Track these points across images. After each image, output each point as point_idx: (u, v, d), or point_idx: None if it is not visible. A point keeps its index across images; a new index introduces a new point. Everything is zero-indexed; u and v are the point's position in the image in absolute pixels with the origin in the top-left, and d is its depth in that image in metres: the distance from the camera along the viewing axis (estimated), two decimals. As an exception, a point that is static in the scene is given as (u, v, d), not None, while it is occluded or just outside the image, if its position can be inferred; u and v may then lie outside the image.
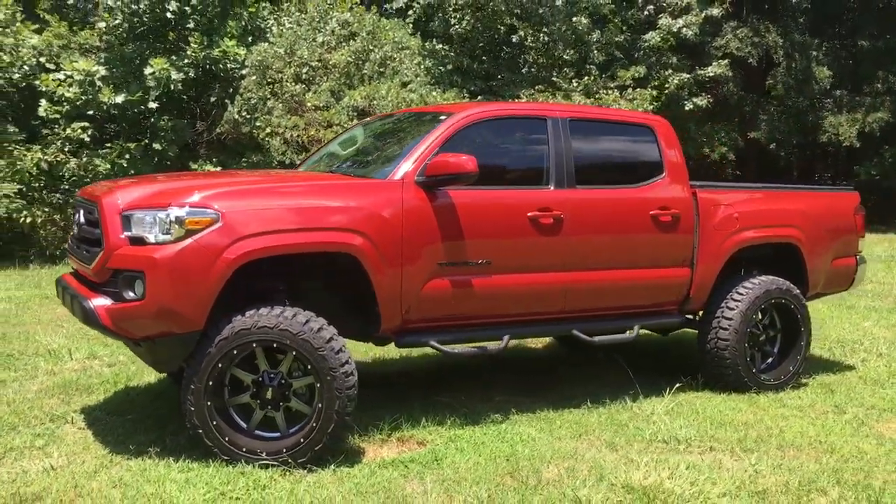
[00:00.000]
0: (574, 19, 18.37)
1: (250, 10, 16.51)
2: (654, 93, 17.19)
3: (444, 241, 5.23)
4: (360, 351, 7.25)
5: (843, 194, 7.22)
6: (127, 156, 14.85)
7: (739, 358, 6.30)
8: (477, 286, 5.38)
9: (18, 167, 14.13)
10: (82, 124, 14.86)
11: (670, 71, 21.59)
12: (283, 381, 4.78)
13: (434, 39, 18.82)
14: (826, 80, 25.11)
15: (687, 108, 22.65)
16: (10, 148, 14.17)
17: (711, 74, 22.77)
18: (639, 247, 6.00)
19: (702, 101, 22.70)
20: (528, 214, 5.52)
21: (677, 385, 6.36)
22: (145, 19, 15.34)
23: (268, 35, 16.41)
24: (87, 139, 14.96)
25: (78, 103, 14.78)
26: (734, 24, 24.91)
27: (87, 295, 4.76)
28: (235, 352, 4.64)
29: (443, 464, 4.78)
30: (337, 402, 4.68)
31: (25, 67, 14.93)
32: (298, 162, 14.42)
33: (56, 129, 14.87)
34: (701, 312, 6.60)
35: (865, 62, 26.95)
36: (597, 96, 16.81)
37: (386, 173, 5.28)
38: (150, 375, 6.69)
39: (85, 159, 14.83)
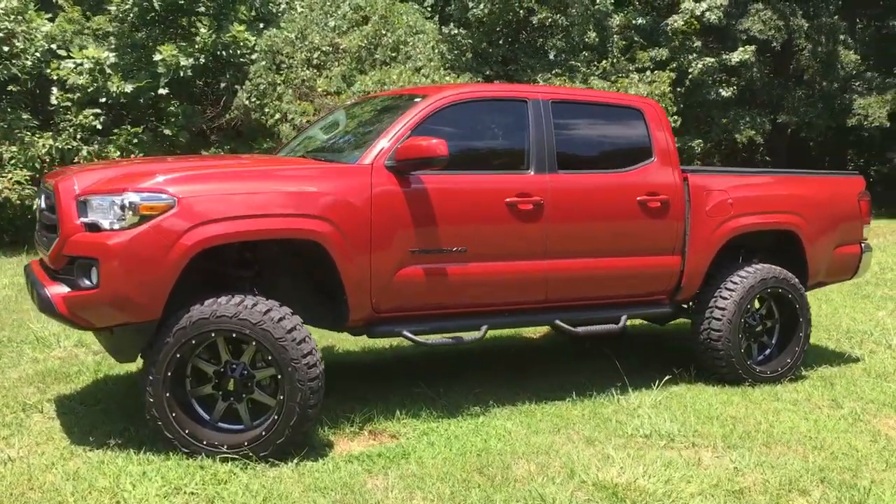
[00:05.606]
0: (597, 2, 18.03)
1: (261, -6, 16.42)
2: (673, 75, 16.81)
3: (416, 227, 5.05)
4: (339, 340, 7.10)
5: (847, 179, 6.92)
6: (136, 141, 14.81)
7: (733, 349, 6.06)
8: (451, 274, 5.19)
9: (30, 154, 14.14)
10: (94, 111, 14.84)
11: (694, 55, 21.14)
12: (245, 372, 4.64)
13: (452, 24, 18.56)
14: (852, 64, 24.47)
15: (711, 98, 22.23)
16: (21, 135, 14.19)
17: (737, 59, 22.26)
18: (625, 234, 5.78)
19: (727, 92, 22.26)
20: (506, 200, 5.32)
21: (667, 377, 6.12)
22: (156, 5, 15.24)
23: (279, 20, 16.25)
24: (100, 126, 14.94)
25: (89, 91, 14.76)
26: (759, 6, 24.31)
27: (44, 282, 4.65)
28: (194, 342, 4.50)
29: (410, 458, 4.62)
30: (299, 394, 4.53)
31: (38, 54, 14.92)
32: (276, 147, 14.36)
33: (68, 117, 14.87)
34: (693, 302, 6.36)
35: (896, 43, 26.26)
36: (612, 79, 16.47)
37: (356, 158, 5.11)
38: (130, 365, 6.58)
39: (97, 146, 14.83)
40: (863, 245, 6.88)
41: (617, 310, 5.90)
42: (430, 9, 18.82)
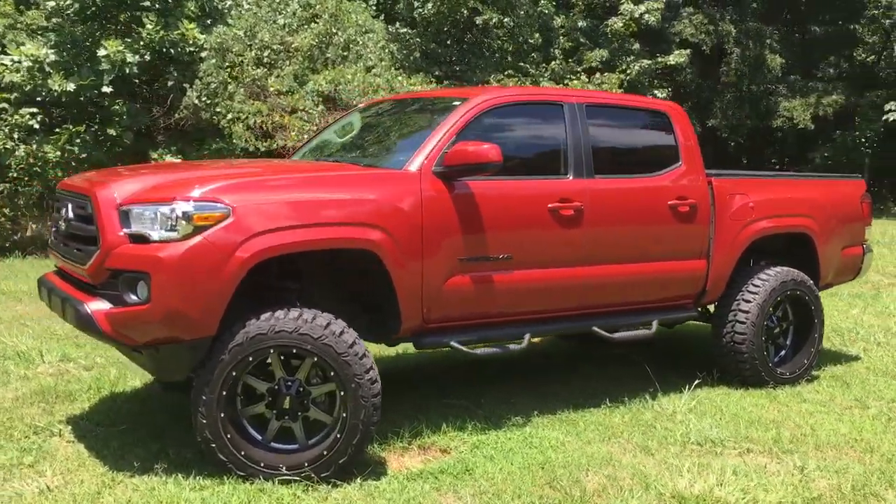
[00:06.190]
0: (541, 2, 18.11)
1: (208, -10, 15.86)
2: (622, 77, 17.09)
3: (464, 235, 4.90)
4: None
5: (851, 182, 7.07)
6: (78, 141, 14.13)
7: (757, 352, 6.10)
8: (498, 282, 5.06)
9: (-37, 155, 13.36)
10: (31, 110, 14.09)
11: (632, 57, 21.49)
12: (300, 389, 4.41)
13: (398, 23, 18.39)
14: (778, 67, 25.30)
15: (648, 99, 22.62)
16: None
17: (672, 62, 22.72)
18: (657, 239, 5.75)
19: (661, 93, 22.69)
20: (549, 206, 5.22)
21: (696, 382, 6.10)
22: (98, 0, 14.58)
23: (227, 16, 15.75)
24: (37, 126, 14.19)
25: (26, 89, 14.01)
26: (690, 10, 24.90)
27: (81, 298, 4.32)
28: (251, 359, 4.25)
29: (475, 474, 4.47)
30: (363, 411, 4.33)
31: (-33, 51, 14.12)
32: (267, 149, 13.94)
33: (3, 116, 14.07)
34: (713, 306, 6.39)
35: (817, 48, 27.26)
36: (564, 82, 16.59)
37: (401, 163, 4.92)
38: (134, 380, 6.24)
39: (35, 146, 14.09)
40: (865, 246, 7.03)
41: (646, 315, 5.87)
42: (375, 7, 18.54)
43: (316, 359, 4.28)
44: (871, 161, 26.35)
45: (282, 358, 4.37)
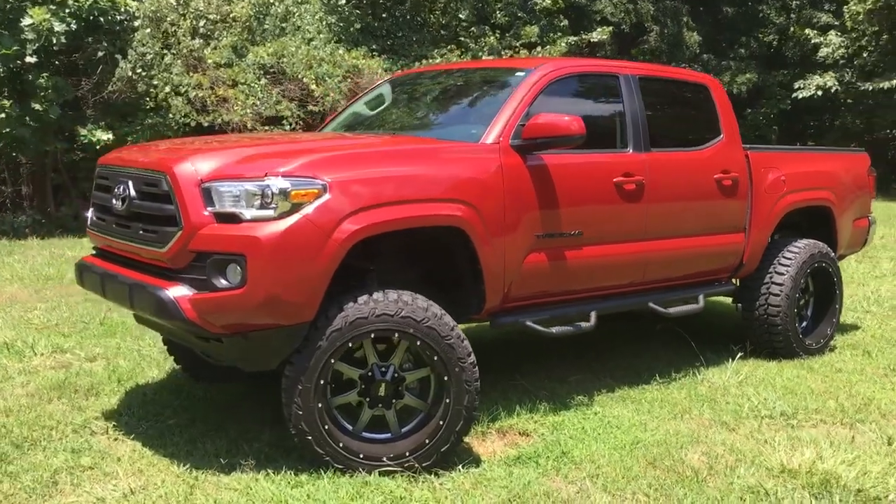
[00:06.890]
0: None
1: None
2: (564, 48, 17.11)
3: (540, 210, 4.72)
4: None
5: (858, 155, 7.23)
6: (2, 115, 13.17)
7: (790, 324, 6.17)
8: (570, 259, 4.92)
9: None
10: (-55, 82, 13.06)
11: (559, 34, 21.58)
12: (395, 375, 4.16)
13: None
14: (696, 44, 25.93)
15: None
16: None
17: (595, 39, 22.93)
18: (705, 212, 5.73)
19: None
20: (614, 180, 5.10)
21: (738, 356, 6.13)
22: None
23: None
24: (-48, 99, 13.15)
25: (-58, 59, 12.94)
26: (611, -12, 25.21)
27: (159, 284, 3.94)
28: (350, 344, 3.98)
29: (573, 457, 4.32)
30: (466, 396, 4.13)
31: None
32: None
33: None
34: (738, 280, 6.42)
35: (730, 28, 28.06)
36: (502, 56, 16.48)
37: (473, 136, 4.68)
38: (150, 370, 5.83)
39: (-49, 121, 13.05)
40: (870, 218, 7.21)
41: (692, 289, 5.84)
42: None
43: (419, 343, 4.04)
44: (778, 137, 27.43)
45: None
